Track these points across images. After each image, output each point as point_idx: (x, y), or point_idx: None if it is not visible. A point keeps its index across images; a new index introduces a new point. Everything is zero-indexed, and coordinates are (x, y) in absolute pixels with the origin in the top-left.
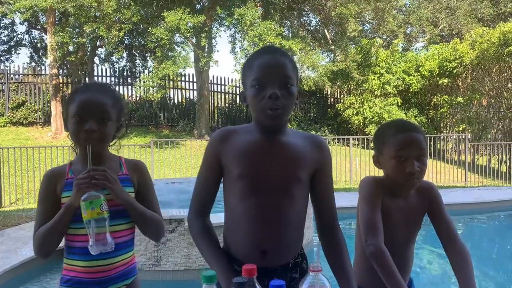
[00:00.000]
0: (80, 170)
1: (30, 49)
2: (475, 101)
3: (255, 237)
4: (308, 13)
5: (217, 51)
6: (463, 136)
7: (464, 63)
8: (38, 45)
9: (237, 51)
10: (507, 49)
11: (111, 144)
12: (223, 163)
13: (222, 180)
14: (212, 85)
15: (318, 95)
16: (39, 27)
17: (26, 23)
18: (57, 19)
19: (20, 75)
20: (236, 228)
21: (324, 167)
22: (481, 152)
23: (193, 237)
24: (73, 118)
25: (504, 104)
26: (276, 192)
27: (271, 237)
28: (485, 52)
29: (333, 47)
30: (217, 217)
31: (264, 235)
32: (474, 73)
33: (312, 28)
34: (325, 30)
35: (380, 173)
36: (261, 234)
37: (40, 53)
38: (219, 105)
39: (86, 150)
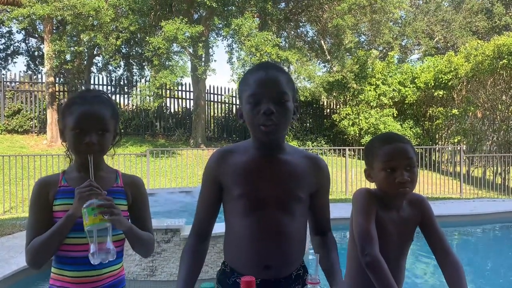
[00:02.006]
0: (75, 178)
1: (27, 57)
2: (470, 113)
3: (259, 253)
4: (305, 24)
5: (214, 60)
6: (458, 148)
7: (459, 76)
8: (35, 53)
9: (234, 61)
10: (501, 62)
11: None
12: (222, 184)
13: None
14: (208, 94)
15: (314, 105)
16: (36, 36)
17: (23, 32)
18: (54, 28)
19: (16, 83)
20: (239, 245)
21: (322, 188)
22: (476, 164)
23: (181, 257)
24: (72, 130)
25: (498, 116)
26: (277, 209)
27: (274, 253)
28: (480, 65)
29: (329, 57)
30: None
31: (268, 251)
32: (469, 86)
33: (308, 39)
34: (322, 41)
35: (373, 186)
36: (264, 250)
37: (37, 62)
38: (216, 114)
39: (85, 160)
